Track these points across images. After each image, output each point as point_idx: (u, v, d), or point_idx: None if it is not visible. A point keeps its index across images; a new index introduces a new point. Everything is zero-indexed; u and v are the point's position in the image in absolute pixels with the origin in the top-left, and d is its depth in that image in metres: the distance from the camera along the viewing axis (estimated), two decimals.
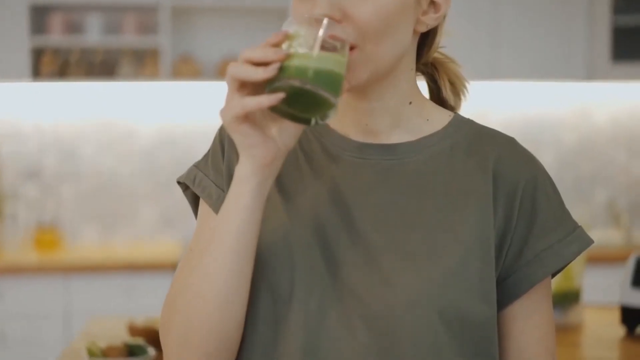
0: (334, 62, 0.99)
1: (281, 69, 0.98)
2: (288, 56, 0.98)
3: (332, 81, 0.99)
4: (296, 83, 0.97)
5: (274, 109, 1.00)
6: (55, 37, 4.38)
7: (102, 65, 4.48)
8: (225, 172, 1.17)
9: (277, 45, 0.99)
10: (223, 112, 1.01)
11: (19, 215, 4.59)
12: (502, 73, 4.51)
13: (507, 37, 4.50)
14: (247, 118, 1.01)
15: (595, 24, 4.53)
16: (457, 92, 1.24)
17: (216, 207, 1.16)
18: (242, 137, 1.02)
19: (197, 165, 1.22)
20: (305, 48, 0.98)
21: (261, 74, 0.97)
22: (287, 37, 0.99)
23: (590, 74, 4.55)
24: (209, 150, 1.22)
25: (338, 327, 1.08)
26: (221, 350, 1.08)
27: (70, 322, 4.09)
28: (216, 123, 4.83)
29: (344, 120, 1.17)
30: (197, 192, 1.19)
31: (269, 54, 0.98)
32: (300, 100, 0.98)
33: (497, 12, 4.50)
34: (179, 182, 1.23)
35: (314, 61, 0.98)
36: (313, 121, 1.01)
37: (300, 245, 1.11)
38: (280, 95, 0.97)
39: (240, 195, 1.04)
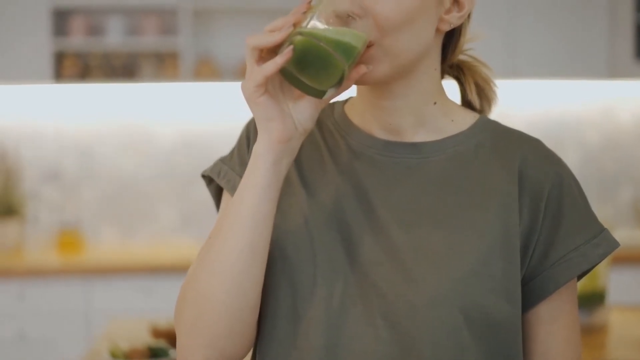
0: (351, 34, 1.00)
1: (297, 33, 0.99)
2: (306, 23, 0.99)
3: (346, 48, 0.99)
4: (309, 38, 0.98)
5: (286, 74, 1.01)
6: (77, 40, 4.39)
7: (122, 68, 4.49)
8: None
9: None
10: (244, 85, 1.03)
11: (40, 217, 4.61)
12: (524, 72, 4.48)
13: (528, 35, 4.47)
14: (267, 91, 1.02)
15: (618, 21, 4.50)
16: (486, 95, 1.23)
17: None
18: (261, 110, 1.03)
19: (222, 160, 1.23)
20: (324, 16, 1.00)
21: (277, 35, 0.99)
22: (309, 7, 1.01)
23: (613, 72, 4.52)
24: (235, 146, 1.23)
25: (360, 325, 1.07)
26: (233, 333, 1.07)
27: (91, 323, 4.10)
28: (236, 124, 4.85)
29: (368, 118, 1.17)
30: (222, 184, 1.20)
31: (287, 18, 1.00)
32: (311, 62, 0.99)
33: (518, 9, 4.47)
34: (203, 176, 1.24)
35: (330, 28, 0.99)
36: (327, 94, 1.02)
37: (322, 241, 1.10)
38: (291, 48, 0.98)
39: (256, 171, 1.05)
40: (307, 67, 1.00)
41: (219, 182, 1.20)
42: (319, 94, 1.02)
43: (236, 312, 1.06)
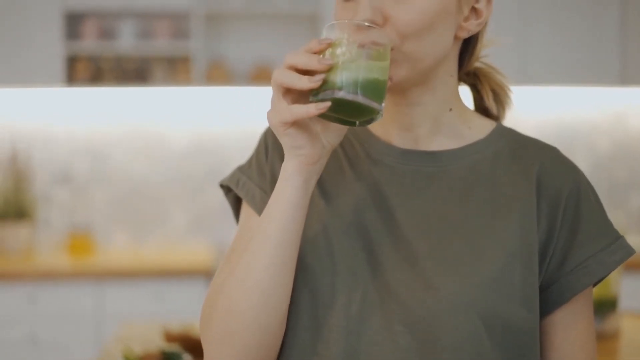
0: (377, 70, 1.00)
1: (325, 79, 0.99)
2: (332, 66, 0.99)
3: (377, 89, 1.00)
4: (341, 95, 0.98)
5: (320, 114, 1.01)
6: (89, 44, 4.41)
7: (134, 71, 4.51)
8: (268, 175, 1.19)
9: (319, 52, 1.00)
10: (270, 116, 1.02)
11: (51, 220, 4.63)
12: (536, 78, 4.48)
13: (540, 41, 4.47)
14: (295, 122, 1.02)
15: (630, 29, 4.49)
16: (501, 101, 1.25)
17: (259, 209, 1.17)
18: (289, 140, 1.03)
19: (240, 169, 1.23)
20: (349, 58, 0.99)
21: (306, 83, 0.98)
22: (330, 45, 1.00)
23: (625, 79, 4.51)
24: (252, 154, 1.23)
25: (380, 332, 1.07)
26: (262, 345, 1.08)
27: (102, 326, 4.11)
28: (248, 129, 4.86)
29: (386, 126, 1.18)
30: (241, 195, 1.20)
31: (313, 62, 0.99)
32: (346, 108, 1.00)
33: (530, 15, 4.47)
34: (221, 185, 1.25)
35: (358, 72, 0.98)
36: (358, 122, 1.02)
37: (342, 249, 1.11)
38: (327, 104, 0.98)
39: (285, 192, 1.05)
40: (342, 111, 1.00)
41: (237, 192, 1.21)
42: (352, 124, 1.03)
43: (264, 327, 1.07)
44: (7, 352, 4.08)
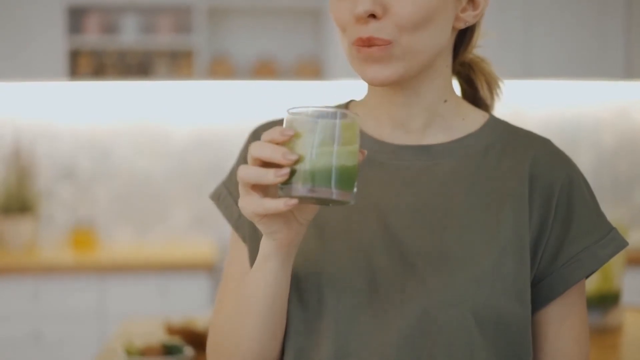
0: (346, 157, 0.96)
1: (293, 169, 0.95)
2: (298, 159, 0.95)
3: (347, 178, 0.96)
4: (311, 194, 0.95)
5: None
6: (92, 38, 4.41)
7: (137, 66, 4.50)
8: None
9: (283, 143, 0.96)
10: (243, 207, 1.00)
11: (54, 215, 4.63)
12: (539, 72, 4.47)
13: (544, 35, 4.46)
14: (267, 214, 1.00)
15: (634, 22, 4.48)
16: (492, 92, 1.24)
17: (237, 226, 1.19)
18: (265, 227, 1.02)
19: (224, 183, 1.24)
20: (316, 147, 0.95)
21: (272, 178, 0.95)
22: (294, 135, 0.96)
23: (629, 73, 4.50)
24: (234, 165, 1.22)
25: (370, 330, 1.07)
26: None
27: (105, 321, 4.11)
28: (251, 123, 4.86)
29: (379, 122, 1.17)
30: (221, 210, 1.22)
31: (277, 156, 0.95)
32: (317, 199, 0.97)
33: (534, 9, 4.46)
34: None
35: (326, 164, 0.95)
36: (332, 204, 0.99)
37: (330, 251, 1.11)
38: (296, 201, 0.95)
39: (268, 267, 1.05)
40: (313, 201, 0.98)
41: (218, 207, 1.23)
42: (325, 205, 1.00)
43: None
44: (11, 346, 4.09)
